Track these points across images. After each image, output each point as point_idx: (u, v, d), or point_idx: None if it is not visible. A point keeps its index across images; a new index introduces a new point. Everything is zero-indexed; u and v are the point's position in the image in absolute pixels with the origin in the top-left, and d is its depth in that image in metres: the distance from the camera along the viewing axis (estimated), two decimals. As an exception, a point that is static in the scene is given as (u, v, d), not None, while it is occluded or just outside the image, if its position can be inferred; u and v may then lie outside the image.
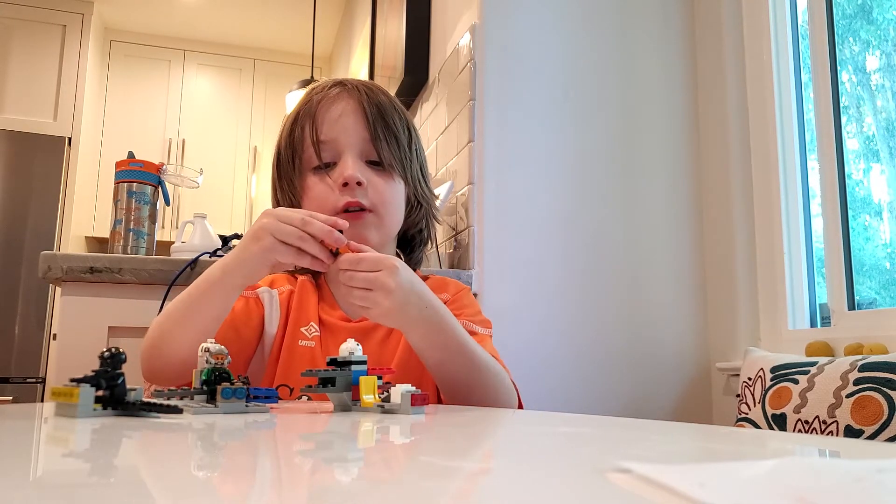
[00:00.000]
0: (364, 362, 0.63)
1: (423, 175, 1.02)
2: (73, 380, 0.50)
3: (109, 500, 0.24)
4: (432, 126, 1.80)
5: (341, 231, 0.77)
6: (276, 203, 1.01)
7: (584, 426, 0.55)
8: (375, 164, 0.94)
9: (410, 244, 1.06)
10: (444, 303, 0.97)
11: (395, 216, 0.97)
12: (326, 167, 0.93)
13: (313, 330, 0.94)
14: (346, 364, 0.63)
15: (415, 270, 1.07)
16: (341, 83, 0.97)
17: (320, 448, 0.41)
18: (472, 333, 0.92)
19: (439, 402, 0.87)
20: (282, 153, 0.97)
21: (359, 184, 0.90)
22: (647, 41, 1.64)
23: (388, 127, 0.94)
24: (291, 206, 0.96)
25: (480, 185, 1.46)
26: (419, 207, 1.01)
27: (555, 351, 1.46)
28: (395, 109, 0.97)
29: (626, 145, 1.58)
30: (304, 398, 0.84)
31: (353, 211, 0.91)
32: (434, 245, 1.59)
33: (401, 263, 0.77)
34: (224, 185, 4.08)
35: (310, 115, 0.94)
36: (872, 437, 1.00)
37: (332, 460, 0.36)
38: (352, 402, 0.62)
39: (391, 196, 0.94)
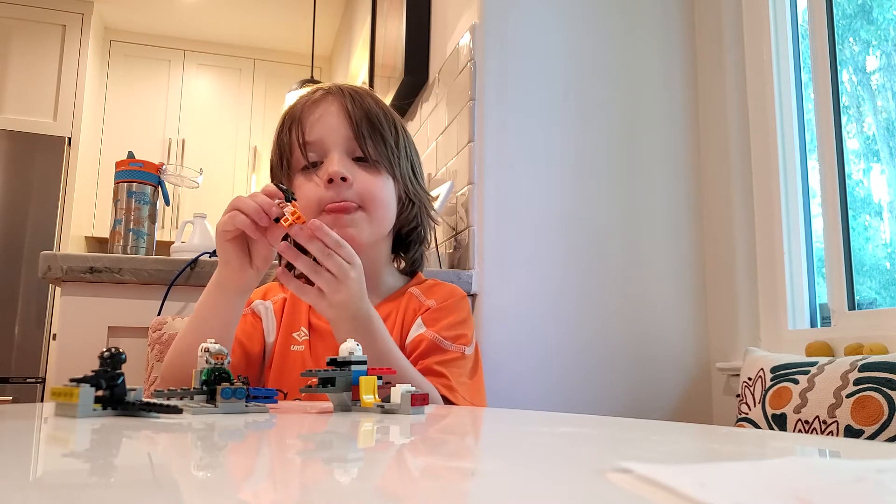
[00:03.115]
0: (364, 362, 0.63)
1: (414, 173, 1.02)
2: (72, 380, 0.50)
3: (109, 500, 0.24)
4: (432, 126, 1.80)
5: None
6: None
7: (584, 426, 0.54)
8: (362, 161, 0.95)
9: (406, 243, 1.06)
10: (425, 311, 0.97)
11: (386, 212, 0.97)
12: (314, 167, 0.94)
13: (304, 334, 0.96)
14: (345, 364, 0.62)
15: (415, 272, 1.07)
16: (326, 88, 0.99)
17: (320, 448, 0.41)
18: (438, 349, 0.91)
19: None
20: (273, 158, 0.99)
21: (344, 179, 0.91)
22: (647, 41, 1.64)
23: (372, 125, 0.95)
24: None
25: (480, 185, 1.46)
26: (411, 205, 1.01)
27: (555, 351, 1.46)
28: (381, 109, 0.98)
29: (626, 145, 1.58)
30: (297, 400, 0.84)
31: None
32: (434, 245, 1.60)
33: (358, 263, 0.79)
34: (224, 185, 4.07)
35: (295, 118, 0.96)
36: (872, 437, 1.00)
37: (332, 460, 0.36)
38: (352, 403, 0.62)
39: (378, 191, 0.94)
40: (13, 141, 3.44)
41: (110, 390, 0.51)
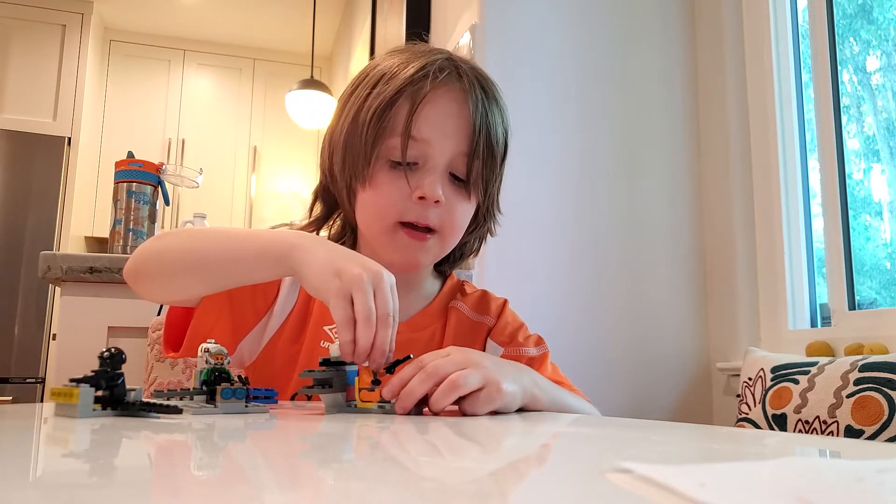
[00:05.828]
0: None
1: (499, 190, 0.91)
2: (72, 380, 0.50)
3: (109, 500, 0.24)
4: (432, 126, 1.80)
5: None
6: (328, 176, 0.86)
7: (584, 426, 0.55)
8: (457, 180, 0.82)
9: (452, 255, 0.94)
10: (489, 330, 0.91)
11: (457, 239, 0.87)
12: (408, 165, 0.79)
13: None
14: (339, 364, 0.62)
15: (448, 275, 0.97)
16: (457, 69, 0.82)
17: (319, 449, 0.41)
18: (522, 359, 0.86)
19: None
20: (364, 126, 0.80)
21: (436, 202, 0.79)
22: (647, 42, 1.64)
23: (489, 146, 0.82)
24: (348, 189, 0.83)
25: (480, 185, 1.46)
26: (483, 224, 0.91)
27: (555, 351, 1.45)
28: (503, 121, 0.86)
29: (627, 146, 1.58)
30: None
31: (417, 229, 0.80)
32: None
33: (456, 349, 0.65)
34: (224, 185, 4.08)
35: (413, 100, 0.79)
36: (873, 437, 1.00)
37: (330, 461, 0.36)
38: (346, 403, 0.62)
39: (461, 220, 0.84)
40: (13, 141, 3.44)
41: (110, 390, 0.51)
